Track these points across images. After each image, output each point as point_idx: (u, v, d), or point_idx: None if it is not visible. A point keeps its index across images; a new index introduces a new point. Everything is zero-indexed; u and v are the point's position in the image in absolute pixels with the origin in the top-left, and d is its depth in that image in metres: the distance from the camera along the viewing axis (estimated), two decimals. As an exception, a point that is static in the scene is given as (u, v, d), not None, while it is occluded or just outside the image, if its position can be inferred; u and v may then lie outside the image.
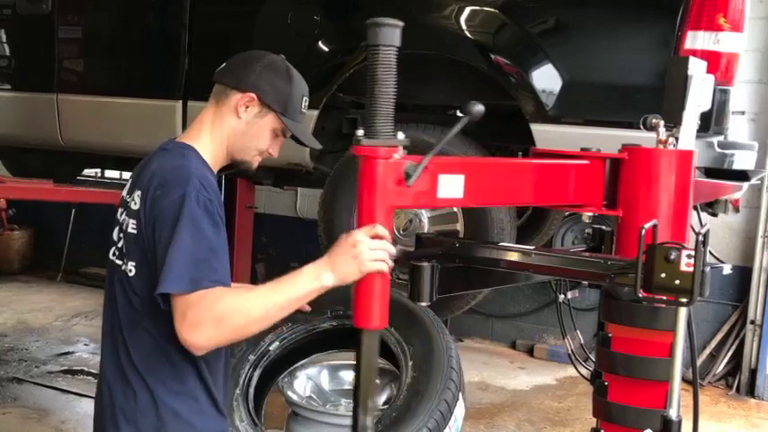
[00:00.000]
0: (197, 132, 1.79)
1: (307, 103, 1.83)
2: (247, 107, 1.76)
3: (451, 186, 1.66)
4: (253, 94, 1.75)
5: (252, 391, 2.39)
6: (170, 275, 1.54)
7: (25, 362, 4.61)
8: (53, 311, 5.79)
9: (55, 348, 4.90)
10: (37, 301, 6.13)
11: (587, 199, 1.89)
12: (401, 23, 1.60)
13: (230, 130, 1.78)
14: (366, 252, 1.56)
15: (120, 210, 1.80)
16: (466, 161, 1.88)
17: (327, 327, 2.54)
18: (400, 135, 1.62)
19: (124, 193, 1.81)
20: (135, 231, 1.69)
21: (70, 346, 4.96)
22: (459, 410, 2.04)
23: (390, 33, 1.58)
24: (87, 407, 2.05)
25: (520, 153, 2.81)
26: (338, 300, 2.23)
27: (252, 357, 2.46)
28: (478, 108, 1.63)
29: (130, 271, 1.69)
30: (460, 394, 2.06)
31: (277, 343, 2.51)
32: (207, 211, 1.61)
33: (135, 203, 1.71)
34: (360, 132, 1.61)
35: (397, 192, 1.61)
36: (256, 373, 2.44)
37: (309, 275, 1.57)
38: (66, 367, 4.49)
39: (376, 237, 1.58)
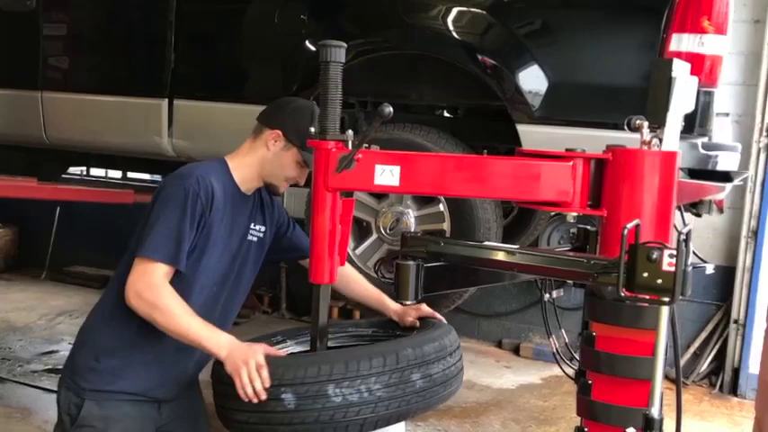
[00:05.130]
0: (235, 154, 2.22)
1: None
2: (276, 141, 2.15)
3: (388, 175, 1.89)
4: (279, 132, 2.15)
5: None
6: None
7: (8, 361, 4.57)
8: (37, 310, 5.74)
9: (39, 347, 4.85)
10: (20, 299, 6.07)
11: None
12: (345, 44, 1.89)
13: (260, 158, 2.18)
14: (248, 367, 1.90)
15: None
16: (401, 155, 1.93)
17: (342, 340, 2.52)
18: (349, 132, 1.90)
19: None
20: None
21: (54, 344, 4.91)
22: None
23: (338, 52, 1.87)
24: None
25: (485, 151, 2.81)
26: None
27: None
28: (388, 110, 1.82)
29: None
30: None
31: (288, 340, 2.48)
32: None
33: None
34: (312, 129, 1.94)
35: (339, 176, 1.89)
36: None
37: (216, 343, 1.97)
38: (50, 366, 4.44)
39: (260, 367, 1.91)
